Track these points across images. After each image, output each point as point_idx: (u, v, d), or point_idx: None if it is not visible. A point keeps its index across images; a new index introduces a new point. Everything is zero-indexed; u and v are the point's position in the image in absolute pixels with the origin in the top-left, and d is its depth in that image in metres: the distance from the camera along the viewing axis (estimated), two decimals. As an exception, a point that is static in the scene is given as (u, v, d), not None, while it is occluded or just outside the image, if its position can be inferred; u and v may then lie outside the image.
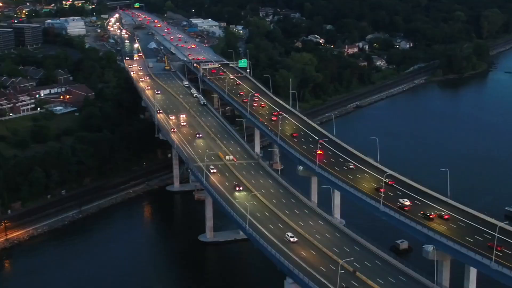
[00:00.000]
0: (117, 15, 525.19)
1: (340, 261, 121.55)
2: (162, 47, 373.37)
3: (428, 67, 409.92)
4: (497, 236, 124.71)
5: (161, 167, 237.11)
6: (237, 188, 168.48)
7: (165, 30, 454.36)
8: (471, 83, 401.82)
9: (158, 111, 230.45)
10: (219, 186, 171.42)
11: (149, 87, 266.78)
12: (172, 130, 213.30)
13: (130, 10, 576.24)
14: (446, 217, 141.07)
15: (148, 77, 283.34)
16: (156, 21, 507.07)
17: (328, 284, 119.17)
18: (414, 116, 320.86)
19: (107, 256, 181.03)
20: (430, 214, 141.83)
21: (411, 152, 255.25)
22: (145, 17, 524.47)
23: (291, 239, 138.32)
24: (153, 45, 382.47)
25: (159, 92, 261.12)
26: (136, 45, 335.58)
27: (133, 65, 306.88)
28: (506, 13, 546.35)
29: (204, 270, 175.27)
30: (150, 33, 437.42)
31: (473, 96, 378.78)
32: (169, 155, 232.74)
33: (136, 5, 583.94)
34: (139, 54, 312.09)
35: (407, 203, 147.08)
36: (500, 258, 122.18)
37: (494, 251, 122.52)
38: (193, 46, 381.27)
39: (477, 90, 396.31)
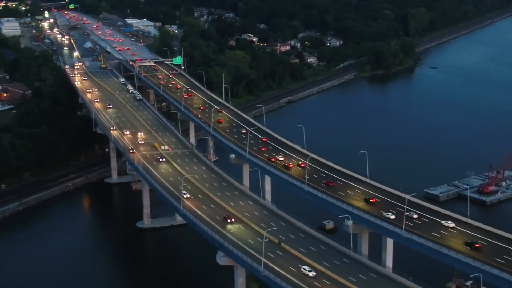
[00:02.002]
0: (50, 18, 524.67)
1: (264, 232, 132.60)
2: (97, 47, 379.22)
3: (358, 64, 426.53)
4: (406, 208, 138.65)
5: (99, 161, 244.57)
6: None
7: (94, 26, 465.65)
8: (398, 78, 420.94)
9: (112, 128, 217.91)
10: (155, 172, 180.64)
11: (98, 100, 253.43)
12: (131, 151, 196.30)
13: (64, 11, 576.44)
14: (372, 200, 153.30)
15: (95, 89, 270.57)
16: (90, 22, 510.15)
17: (255, 254, 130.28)
18: (343, 110, 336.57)
19: (48, 244, 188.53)
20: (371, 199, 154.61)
21: (338, 142, 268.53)
22: (82, 18, 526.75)
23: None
24: (88, 44, 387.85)
25: (110, 106, 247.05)
26: (76, 53, 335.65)
27: (76, 74, 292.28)
28: (432, 11, 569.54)
29: (142, 254, 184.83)
30: (85, 33, 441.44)
31: (400, 91, 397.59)
32: (107, 150, 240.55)
33: (71, 6, 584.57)
34: (79, 63, 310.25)
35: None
36: (410, 227, 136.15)
37: (404, 221, 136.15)
38: (120, 39, 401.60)
39: (404, 84, 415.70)
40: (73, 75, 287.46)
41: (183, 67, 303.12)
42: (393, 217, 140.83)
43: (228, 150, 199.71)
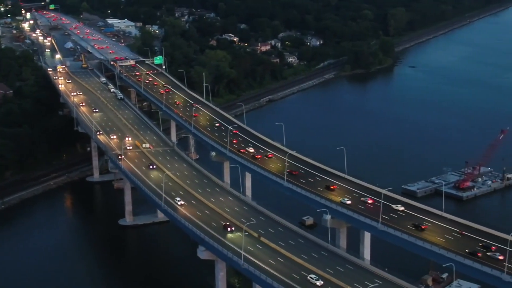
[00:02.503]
0: (31, 19, 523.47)
1: (243, 226, 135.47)
2: (78, 47, 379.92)
3: (337, 63, 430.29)
4: (382, 203, 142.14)
5: (81, 160, 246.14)
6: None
7: (73, 26, 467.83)
8: (377, 77, 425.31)
9: (99, 133, 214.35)
10: (137, 170, 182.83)
11: (83, 103, 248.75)
12: (120, 157, 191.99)
13: (43, 11, 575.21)
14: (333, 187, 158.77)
15: (80, 92, 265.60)
16: (69, 22, 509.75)
17: (235, 248, 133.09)
18: (323, 109, 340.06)
19: (30, 242, 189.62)
20: (332, 186, 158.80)
21: (318, 139, 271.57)
22: (60, 18, 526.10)
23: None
24: (69, 44, 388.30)
25: (96, 110, 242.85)
26: (58, 56, 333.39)
27: (59, 77, 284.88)
28: (411, 11, 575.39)
29: (124, 251, 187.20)
30: (66, 33, 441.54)
31: (380, 89, 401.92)
32: (88, 149, 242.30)
33: (51, 6, 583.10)
34: (62, 66, 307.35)
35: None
36: (386, 221, 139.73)
37: (381, 215, 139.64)
38: (99, 38, 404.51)
39: (383, 83, 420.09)
40: (56, 77, 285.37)
41: (164, 67, 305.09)
42: (349, 202, 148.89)
43: (209, 148, 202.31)
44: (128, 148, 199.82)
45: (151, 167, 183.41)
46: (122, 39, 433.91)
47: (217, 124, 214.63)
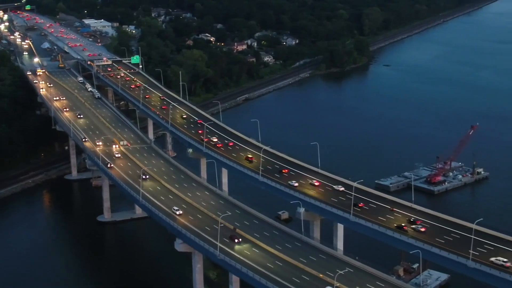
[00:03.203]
0: (6, 21, 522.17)
1: (219, 219, 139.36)
2: (55, 47, 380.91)
3: (313, 62, 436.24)
4: (354, 195, 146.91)
5: (59, 159, 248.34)
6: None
7: (47, 25, 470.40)
8: (352, 76, 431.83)
9: (84, 140, 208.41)
10: (115, 166, 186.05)
11: (67, 108, 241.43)
12: (109, 165, 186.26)
13: (18, 12, 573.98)
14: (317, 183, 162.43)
15: (63, 97, 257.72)
16: (43, 21, 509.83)
17: (211, 239, 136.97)
18: (299, 107, 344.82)
19: (9, 239, 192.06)
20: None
21: (294, 136, 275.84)
22: (34, 18, 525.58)
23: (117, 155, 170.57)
24: (46, 45, 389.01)
25: (81, 116, 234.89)
26: (36, 59, 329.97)
27: (40, 81, 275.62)
28: (385, 11, 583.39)
29: (103, 247, 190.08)
30: (42, 34, 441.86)
31: (355, 88, 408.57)
32: (66, 148, 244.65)
33: (27, 7, 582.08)
34: (42, 70, 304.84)
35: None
36: (358, 213, 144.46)
37: (352, 207, 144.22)
38: (73, 37, 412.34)
39: (358, 82, 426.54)
40: (37, 81, 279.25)
41: (141, 66, 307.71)
42: (296, 184, 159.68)
43: (186, 145, 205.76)
44: (117, 156, 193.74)
45: (144, 177, 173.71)
46: (99, 39, 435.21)
47: (184, 116, 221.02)
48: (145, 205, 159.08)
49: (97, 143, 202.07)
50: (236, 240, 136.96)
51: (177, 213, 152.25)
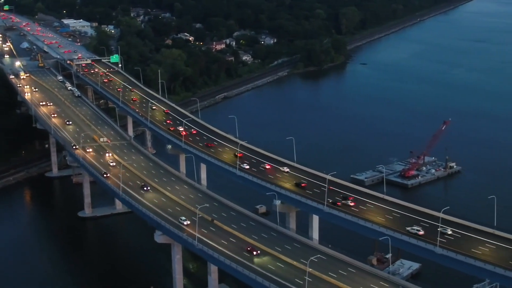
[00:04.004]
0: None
1: (197, 210, 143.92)
2: (35, 47, 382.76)
3: (291, 61, 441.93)
4: (328, 188, 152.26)
5: (39, 156, 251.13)
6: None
7: (24, 24, 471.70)
8: (329, 74, 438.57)
9: (74, 147, 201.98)
10: (94, 162, 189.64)
11: (55, 114, 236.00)
12: (105, 175, 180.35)
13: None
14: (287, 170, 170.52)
15: (50, 103, 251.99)
16: (19, 20, 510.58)
17: (190, 230, 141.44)
18: (277, 105, 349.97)
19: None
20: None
21: (272, 133, 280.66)
22: (10, 17, 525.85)
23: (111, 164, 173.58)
24: (25, 44, 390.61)
25: (70, 122, 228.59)
26: (18, 63, 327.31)
27: (25, 85, 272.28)
28: (362, 10, 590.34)
29: (84, 241, 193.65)
30: (21, 34, 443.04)
31: (332, 86, 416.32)
32: (47, 146, 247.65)
33: (6, 7, 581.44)
34: (26, 74, 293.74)
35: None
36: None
37: (326, 198, 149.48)
38: (49, 35, 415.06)
39: (335, 80, 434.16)
40: (20, 85, 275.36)
41: (120, 65, 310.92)
42: (247, 167, 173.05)
43: (165, 141, 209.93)
44: (111, 164, 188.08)
45: (145, 188, 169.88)
46: (78, 38, 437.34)
47: (170, 117, 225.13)
48: (125, 198, 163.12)
49: (87, 150, 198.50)
50: (254, 253, 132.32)
51: (185, 223, 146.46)
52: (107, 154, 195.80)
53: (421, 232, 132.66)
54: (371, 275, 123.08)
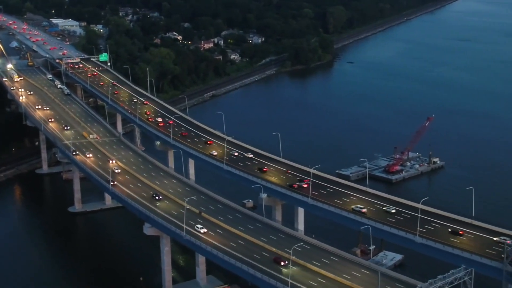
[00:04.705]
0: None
1: (185, 203, 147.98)
2: (24, 46, 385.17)
3: (278, 60, 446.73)
4: (312, 181, 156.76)
5: (29, 153, 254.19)
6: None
7: (10, 22, 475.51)
8: (317, 73, 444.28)
9: (74, 153, 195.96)
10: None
11: (52, 119, 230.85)
12: (112, 183, 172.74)
13: None
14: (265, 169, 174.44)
15: (46, 105, 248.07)
16: (5, 19, 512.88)
17: (178, 222, 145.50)
18: (265, 102, 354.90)
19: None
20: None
21: (259, 130, 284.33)
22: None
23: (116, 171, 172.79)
24: (14, 44, 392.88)
25: (67, 127, 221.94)
26: (9, 65, 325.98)
27: (19, 89, 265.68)
28: (350, 9, 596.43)
29: (74, 235, 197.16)
30: (10, 33, 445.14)
31: (319, 84, 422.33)
32: (37, 143, 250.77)
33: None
34: (20, 77, 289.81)
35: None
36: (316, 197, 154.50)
37: (310, 192, 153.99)
38: (36, 33, 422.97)
39: (322, 78, 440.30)
40: (14, 88, 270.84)
41: (109, 64, 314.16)
42: (215, 153, 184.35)
43: (153, 138, 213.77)
44: (116, 171, 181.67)
45: (156, 197, 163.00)
46: (67, 38, 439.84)
47: (159, 114, 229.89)
48: (115, 193, 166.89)
49: (87, 156, 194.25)
50: (282, 263, 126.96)
51: (201, 231, 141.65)
52: (110, 161, 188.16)
53: (364, 210, 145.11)
54: (353, 264, 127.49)
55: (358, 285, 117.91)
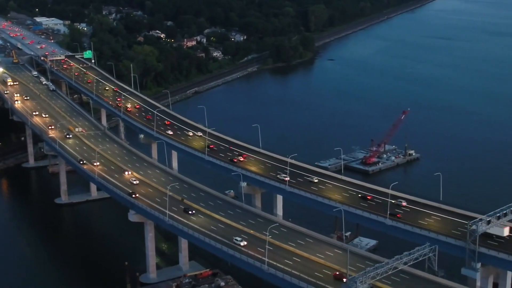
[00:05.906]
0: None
1: (168, 190, 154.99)
2: (8, 44, 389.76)
3: (260, 57, 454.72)
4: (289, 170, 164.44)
5: (16, 148, 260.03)
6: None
7: None
8: (298, 70, 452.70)
9: (81, 162, 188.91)
10: (70, 150, 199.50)
11: (52, 126, 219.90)
12: (134, 196, 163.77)
13: None
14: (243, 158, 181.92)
15: (45, 114, 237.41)
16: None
17: (161, 208, 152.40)
18: (246, 99, 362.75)
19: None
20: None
21: (241, 125, 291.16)
22: None
23: (134, 182, 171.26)
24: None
25: (70, 135, 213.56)
26: (0, 69, 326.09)
27: (14, 94, 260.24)
28: (331, 8, 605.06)
29: (60, 226, 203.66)
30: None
31: (300, 81, 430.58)
32: (23, 138, 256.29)
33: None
34: (15, 83, 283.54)
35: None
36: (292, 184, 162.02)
37: (288, 181, 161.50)
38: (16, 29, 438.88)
39: (303, 75, 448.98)
40: (8, 92, 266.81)
41: (93, 61, 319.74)
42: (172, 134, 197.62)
43: (137, 131, 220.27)
44: (134, 182, 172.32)
45: (190, 212, 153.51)
46: (51, 36, 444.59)
47: (142, 109, 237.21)
48: (101, 182, 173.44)
49: (94, 164, 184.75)
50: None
51: (241, 244, 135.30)
52: (126, 173, 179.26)
53: (287, 178, 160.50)
54: (326, 244, 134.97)
55: (331, 263, 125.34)
